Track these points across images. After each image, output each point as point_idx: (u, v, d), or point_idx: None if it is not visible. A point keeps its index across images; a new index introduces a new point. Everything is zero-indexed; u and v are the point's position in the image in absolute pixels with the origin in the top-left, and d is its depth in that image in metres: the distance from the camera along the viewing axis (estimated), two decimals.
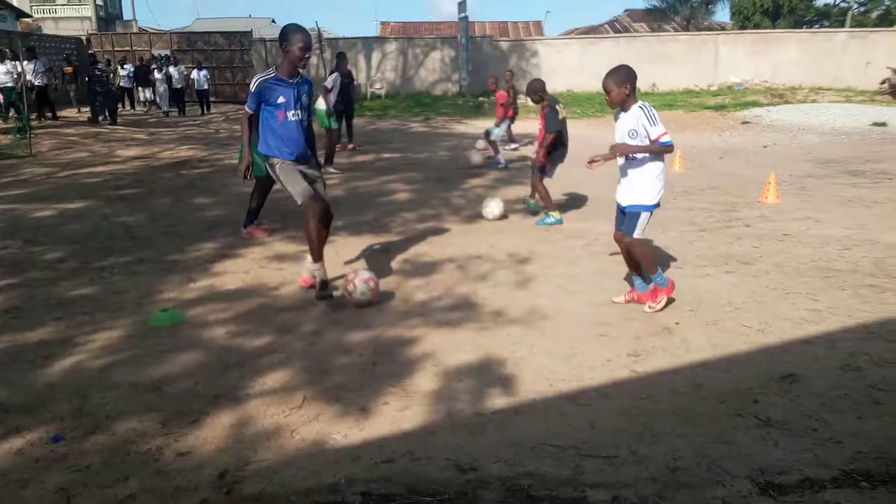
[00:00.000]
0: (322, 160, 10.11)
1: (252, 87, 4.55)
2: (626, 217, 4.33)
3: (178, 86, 20.97)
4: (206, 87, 21.41)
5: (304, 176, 4.66)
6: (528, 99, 7.41)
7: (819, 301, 4.50)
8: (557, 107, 6.88)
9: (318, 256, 4.70)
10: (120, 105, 21.82)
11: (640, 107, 4.10)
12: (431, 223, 7.10)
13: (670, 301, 4.39)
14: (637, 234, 4.28)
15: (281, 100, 4.49)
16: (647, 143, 4.08)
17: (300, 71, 4.60)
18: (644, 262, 4.33)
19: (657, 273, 4.31)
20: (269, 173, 4.85)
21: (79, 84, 20.12)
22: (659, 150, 4.10)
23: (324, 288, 4.66)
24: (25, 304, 4.62)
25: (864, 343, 3.80)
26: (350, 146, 13.20)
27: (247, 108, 4.67)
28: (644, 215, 4.25)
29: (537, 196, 7.21)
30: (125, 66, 21.90)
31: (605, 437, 2.87)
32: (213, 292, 4.86)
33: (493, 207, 7.18)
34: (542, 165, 6.92)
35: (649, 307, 4.32)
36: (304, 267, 4.95)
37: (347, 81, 12.86)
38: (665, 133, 4.04)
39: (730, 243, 6.03)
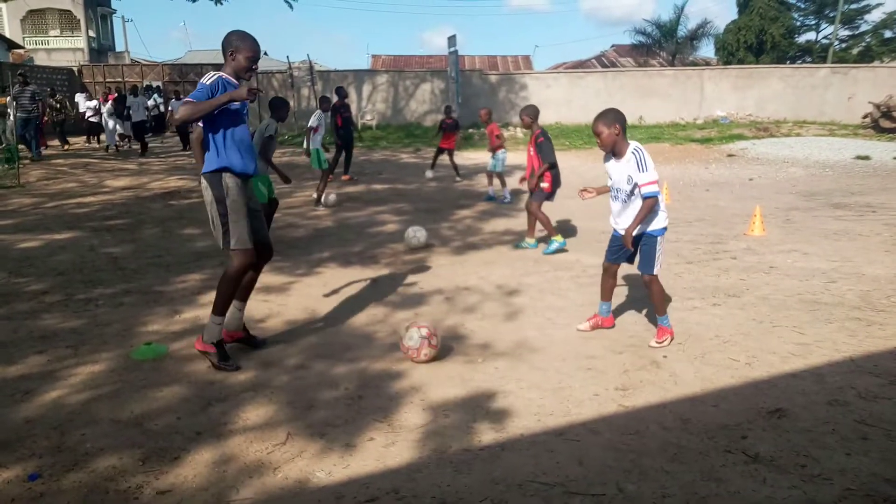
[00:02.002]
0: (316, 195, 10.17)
1: (207, 81, 3.74)
2: (641, 251, 4.31)
3: (138, 118, 18.46)
4: None
5: (251, 214, 4.03)
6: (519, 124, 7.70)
7: (806, 334, 4.51)
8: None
9: (225, 308, 4.03)
10: (88, 138, 20.35)
11: (633, 151, 4.11)
12: (420, 254, 7.10)
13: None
14: (657, 269, 4.29)
15: (236, 104, 3.87)
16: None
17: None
18: (659, 300, 4.38)
19: (666, 315, 4.41)
20: (212, 196, 3.89)
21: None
22: (647, 211, 4.09)
23: (225, 357, 4.01)
24: (8, 337, 4.56)
25: (852, 377, 3.80)
26: (345, 177, 13.30)
27: (191, 98, 3.67)
28: (660, 240, 4.25)
29: (535, 234, 7.36)
30: (91, 100, 20.30)
31: (593, 474, 2.83)
32: (198, 325, 4.80)
33: (417, 235, 7.30)
34: (548, 192, 7.03)
35: (657, 342, 4.33)
36: (217, 325, 4.00)
37: (347, 115, 13.12)
38: (652, 182, 4.05)
39: (717, 276, 6.06)
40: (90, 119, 20.07)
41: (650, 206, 4.09)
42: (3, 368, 4.00)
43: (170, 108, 20.25)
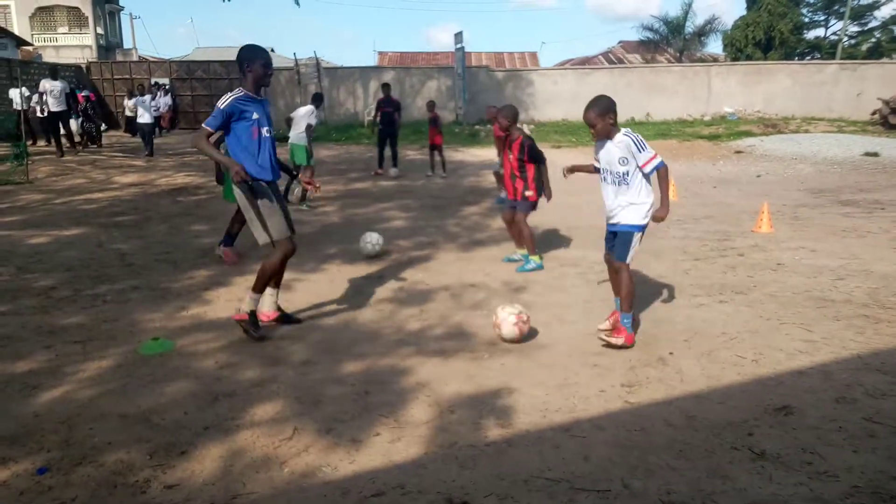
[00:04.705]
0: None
1: (222, 105, 4.16)
2: (616, 239, 4.35)
3: (56, 108, 15.26)
4: (149, 119, 16.29)
5: (283, 210, 4.48)
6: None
7: (813, 332, 4.49)
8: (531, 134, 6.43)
9: (263, 288, 4.53)
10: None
11: (626, 134, 4.20)
12: (427, 251, 7.11)
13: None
14: (629, 258, 4.28)
15: (255, 115, 4.27)
16: (637, 168, 4.18)
17: (262, 92, 4.40)
18: (625, 293, 4.27)
19: (629, 314, 4.26)
20: (244, 198, 4.34)
21: None
22: (667, 181, 4.18)
23: (256, 326, 4.46)
24: (16, 332, 4.59)
25: (859, 374, 3.78)
26: (382, 171, 13.67)
27: (206, 126, 4.14)
28: (636, 236, 4.26)
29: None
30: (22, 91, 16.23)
31: (599, 471, 2.83)
32: (205, 321, 4.84)
33: (371, 241, 6.66)
34: (534, 200, 6.29)
35: (605, 335, 4.24)
36: (254, 301, 4.48)
37: (387, 111, 13.29)
38: (653, 157, 4.13)
39: (724, 273, 6.04)
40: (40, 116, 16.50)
41: (666, 175, 4.16)
42: (12, 363, 4.03)
43: (124, 105, 17.24)
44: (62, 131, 15.91)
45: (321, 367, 4.00)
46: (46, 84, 15.21)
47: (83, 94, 18.01)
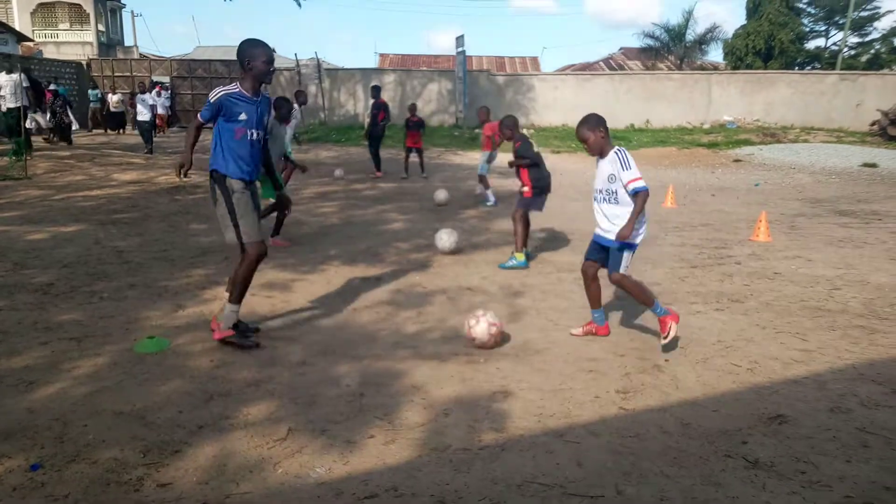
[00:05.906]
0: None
1: (212, 98, 4.12)
2: (609, 255, 4.34)
3: (12, 105, 14.11)
4: (148, 117, 16.60)
5: (256, 210, 4.36)
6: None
7: (808, 341, 4.50)
8: (532, 140, 6.84)
9: (242, 297, 4.36)
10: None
11: (616, 151, 4.22)
12: (425, 253, 7.11)
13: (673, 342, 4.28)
14: (622, 271, 4.28)
15: (242, 116, 4.14)
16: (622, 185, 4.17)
17: (262, 89, 4.29)
18: (636, 296, 4.32)
19: (655, 304, 4.27)
20: (219, 194, 4.20)
21: None
22: (642, 205, 4.11)
23: (245, 332, 4.39)
24: (12, 327, 4.58)
25: (854, 385, 3.79)
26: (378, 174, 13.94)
27: (199, 117, 4.22)
28: (627, 254, 4.25)
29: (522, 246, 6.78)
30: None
31: (592, 476, 2.84)
32: (201, 319, 4.83)
33: (445, 239, 6.95)
34: (528, 197, 6.57)
35: (663, 338, 4.23)
36: (234, 313, 4.32)
37: (374, 113, 13.56)
38: (637, 179, 4.08)
39: (720, 281, 6.05)
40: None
41: (644, 200, 4.11)
42: (7, 359, 4.02)
43: (108, 100, 20.10)
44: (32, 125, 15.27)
45: (317, 368, 4.00)
46: (1, 79, 14.19)
47: (50, 89, 17.93)
